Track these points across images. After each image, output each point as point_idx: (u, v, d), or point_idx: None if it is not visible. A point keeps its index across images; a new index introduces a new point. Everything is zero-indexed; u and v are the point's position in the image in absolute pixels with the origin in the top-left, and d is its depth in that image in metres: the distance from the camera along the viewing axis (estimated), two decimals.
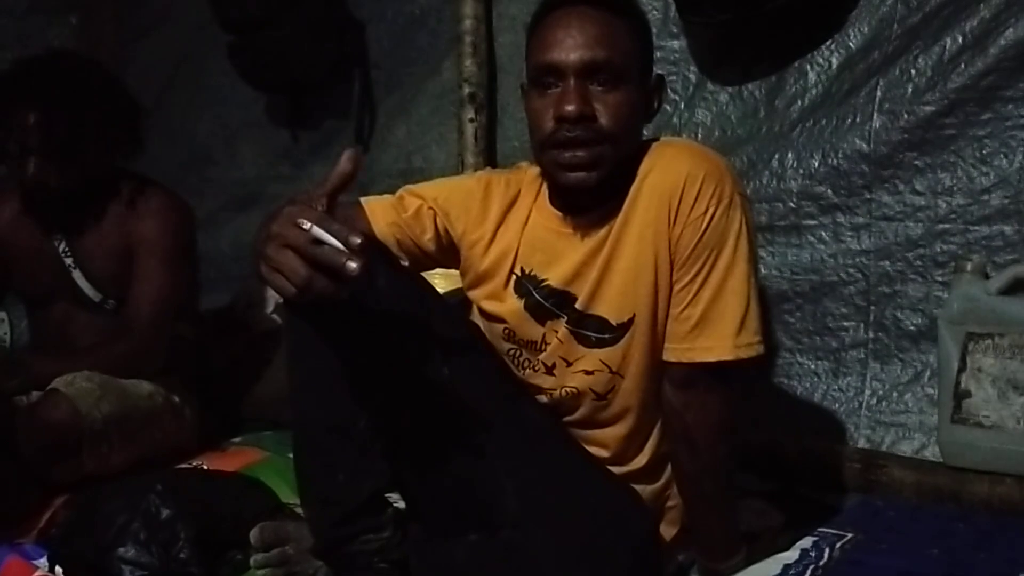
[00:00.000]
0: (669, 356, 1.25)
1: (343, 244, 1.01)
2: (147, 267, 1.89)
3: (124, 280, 1.90)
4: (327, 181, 1.08)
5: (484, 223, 1.34)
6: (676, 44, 1.88)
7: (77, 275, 1.92)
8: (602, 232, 1.26)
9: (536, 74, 1.24)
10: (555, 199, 1.31)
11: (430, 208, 1.35)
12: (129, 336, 1.86)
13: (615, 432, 1.32)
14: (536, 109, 1.24)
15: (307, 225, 1.02)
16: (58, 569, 1.40)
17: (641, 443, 1.33)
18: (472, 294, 1.39)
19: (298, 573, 1.36)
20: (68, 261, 1.92)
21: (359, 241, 1.00)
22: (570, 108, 1.19)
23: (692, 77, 1.88)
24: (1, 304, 2.07)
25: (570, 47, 1.20)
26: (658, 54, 1.72)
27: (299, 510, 1.51)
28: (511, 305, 1.33)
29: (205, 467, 1.82)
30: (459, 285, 1.51)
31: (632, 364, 1.27)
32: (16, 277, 1.98)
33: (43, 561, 1.42)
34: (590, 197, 1.26)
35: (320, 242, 1.02)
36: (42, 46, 2.85)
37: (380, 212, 1.35)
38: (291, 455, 1.66)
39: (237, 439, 2.01)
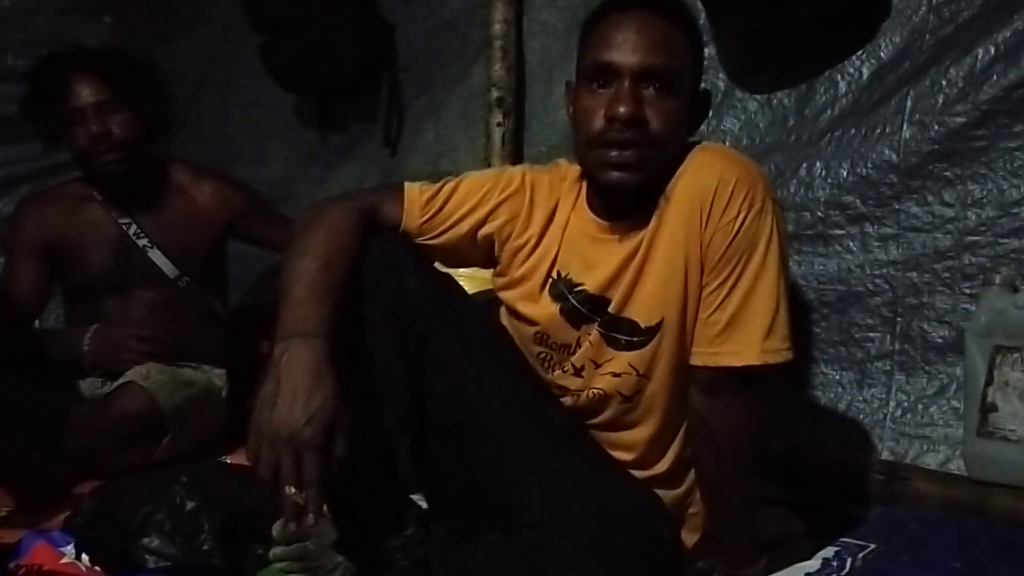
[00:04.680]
0: (696, 360, 1.25)
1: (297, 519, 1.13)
2: (263, 220, 2.16)
3: (199, 255, 2.07)
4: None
5: (529, 228, 1.34)
6: (705, 51, 1.87)
7: (155, 254, 2.02)
8: (637, 237, 1.27)
9: (591, 71, 1.24)
10: (593, 203, 1.31)
11: (472, 208, 1.34)
12: None
13: (639, 434, 1.32)
14: (587, 107, 1.24)
15: (291, 490, 1.12)
16: (84, 556, 1.42)
17: (665, 447, 1.33)
18: (505, 295, 1.38)
19: (317, 568, 1.37)
20: (143, 242, 2.01)
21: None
22: (624, 110, 1.19)
23: (721, 84, 1.88)
24: (48, 298, 2.11)
25: (630, 49, 1.20)
26: None
27: None
28: (546, 309, 1.33)
29: (230, 461, 1.84)
30: (484, 287, 1.52)
31: (659, 367, 1.28)
32: (74, 269, 2.03)
33: (70, 548, 1.44)
34: (627, 200, 1.26)
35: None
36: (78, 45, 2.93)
37: (416, 202, 1.34)
38: None
39: None
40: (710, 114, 1.85)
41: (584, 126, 1.24)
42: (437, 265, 1.39)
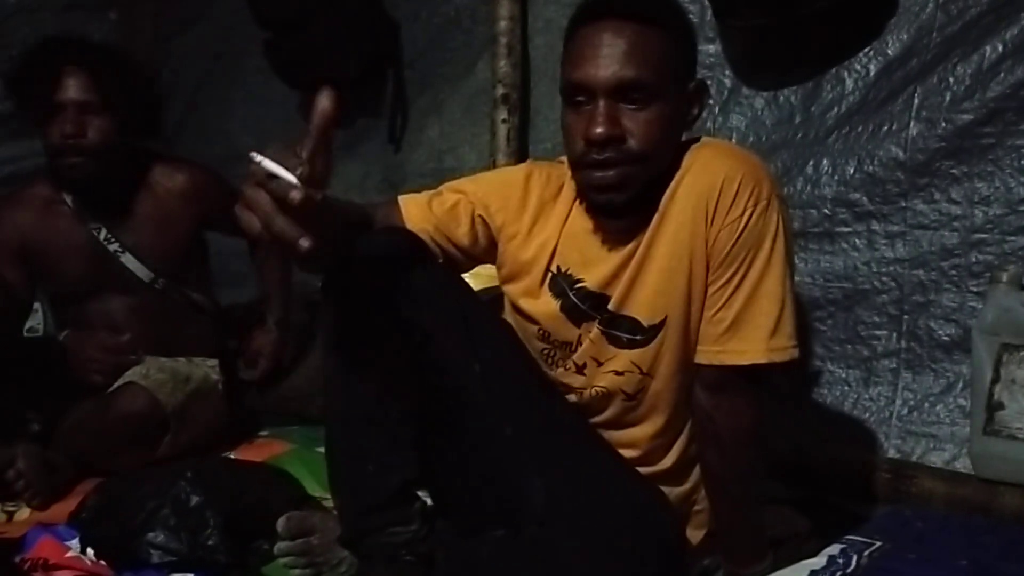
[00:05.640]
0: (701, 358, 1.24)
1: (293, 176, 0.96)
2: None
3: (175, 256, 1.99)
4: (311, 124, 1.00)
5: (523, 216, 1.33)
6: (712, 48, 1.88)
7: (127, 259, 1.96)
8: (638, 235, 1.26)
9: (567, 91, 1.22)
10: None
11: (469, 202, 1.34)
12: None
13: (643, 432, 1.32)
14: (568, 126, 1.22)
15: (257, 159, 0.97)
16: (89, 550, 1.42)
17: (669, 444, 1.33)
18: (507, 288, 1.38)
19: (321, 563, 1.37)
20: (114, 247, 1.95)
21: (306, 171, 0.96)
22: (598, 131, 1.16)
23: (727, 82, 1.88)
24: (33, 299, 2.08)
25: (598, 66, 1.17)
26: None
27: (325, 503, 1.52)
28: (547, 306, 1.32)
29: (233, 457, 1.84)
30: (490, 284, 1.51)
31: (663, 365, 1.27)
32: (49, 275, 1.98)
33: (75, 542, 1.44)
34: (625, 206, 1.25)
35: (275, 176, 0.97)
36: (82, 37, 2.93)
37: (415, 209, 1.34)
38: (317, 448, 1.69)
39: (264, 432, 2.04)
40: (711, 103, 1.86)
41: (568, 147, 1.23)
42: None
